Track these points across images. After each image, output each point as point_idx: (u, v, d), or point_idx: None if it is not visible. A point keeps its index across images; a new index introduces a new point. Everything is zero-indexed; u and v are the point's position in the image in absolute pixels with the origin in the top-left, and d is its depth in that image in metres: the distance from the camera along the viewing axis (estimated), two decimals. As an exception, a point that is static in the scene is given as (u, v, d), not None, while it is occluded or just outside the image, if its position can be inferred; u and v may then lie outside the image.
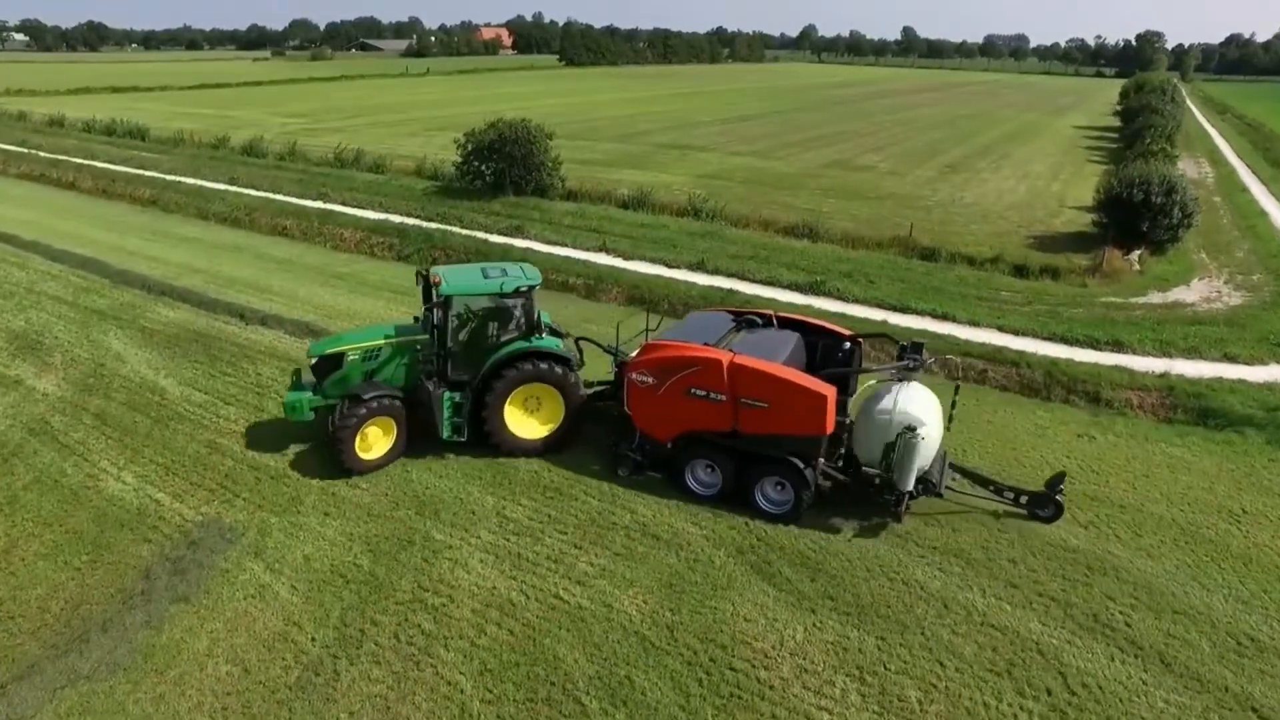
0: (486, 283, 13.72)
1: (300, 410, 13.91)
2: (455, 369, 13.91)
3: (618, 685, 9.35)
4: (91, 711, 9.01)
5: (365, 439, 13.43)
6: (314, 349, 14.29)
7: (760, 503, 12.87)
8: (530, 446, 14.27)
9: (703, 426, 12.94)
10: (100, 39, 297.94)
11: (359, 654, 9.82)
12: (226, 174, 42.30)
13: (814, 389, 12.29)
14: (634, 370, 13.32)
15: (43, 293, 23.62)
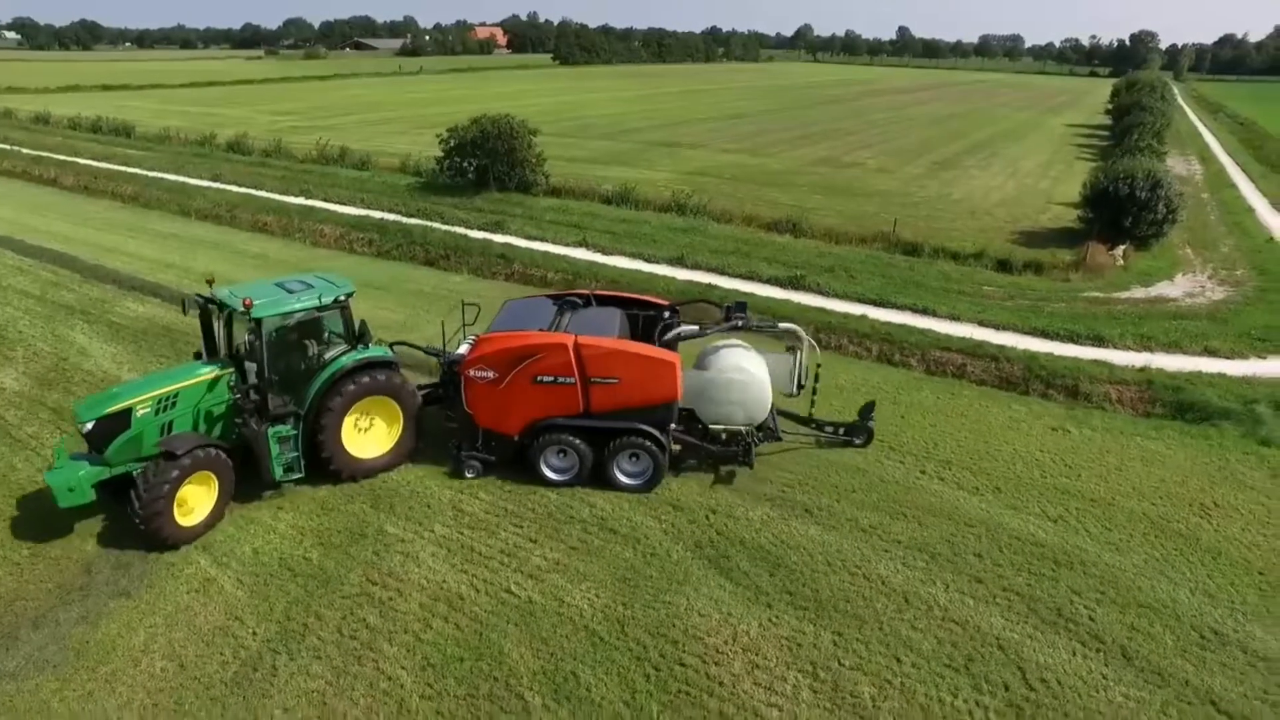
0: (300, 298, 12.07)
1: (80, 491, 11.04)
2: (275, 401, 12.07)
3: (563, 681, 9.09)
4: (13, 710, 8.70)
5: (183, 504, 11.27)
6: (84, 412, 11.42)
7: (619, 478, 12.99)
8: (376, 465, 13.14)
9: (553, 413, 12.86)
10: (94, 38, 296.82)
11: (300, 648, 9.54)
12: (210, 171, 42.01)
13: (662, 358, 12.82)
14: (471, 367, 12.81)
15: (10, 287, 23.31)
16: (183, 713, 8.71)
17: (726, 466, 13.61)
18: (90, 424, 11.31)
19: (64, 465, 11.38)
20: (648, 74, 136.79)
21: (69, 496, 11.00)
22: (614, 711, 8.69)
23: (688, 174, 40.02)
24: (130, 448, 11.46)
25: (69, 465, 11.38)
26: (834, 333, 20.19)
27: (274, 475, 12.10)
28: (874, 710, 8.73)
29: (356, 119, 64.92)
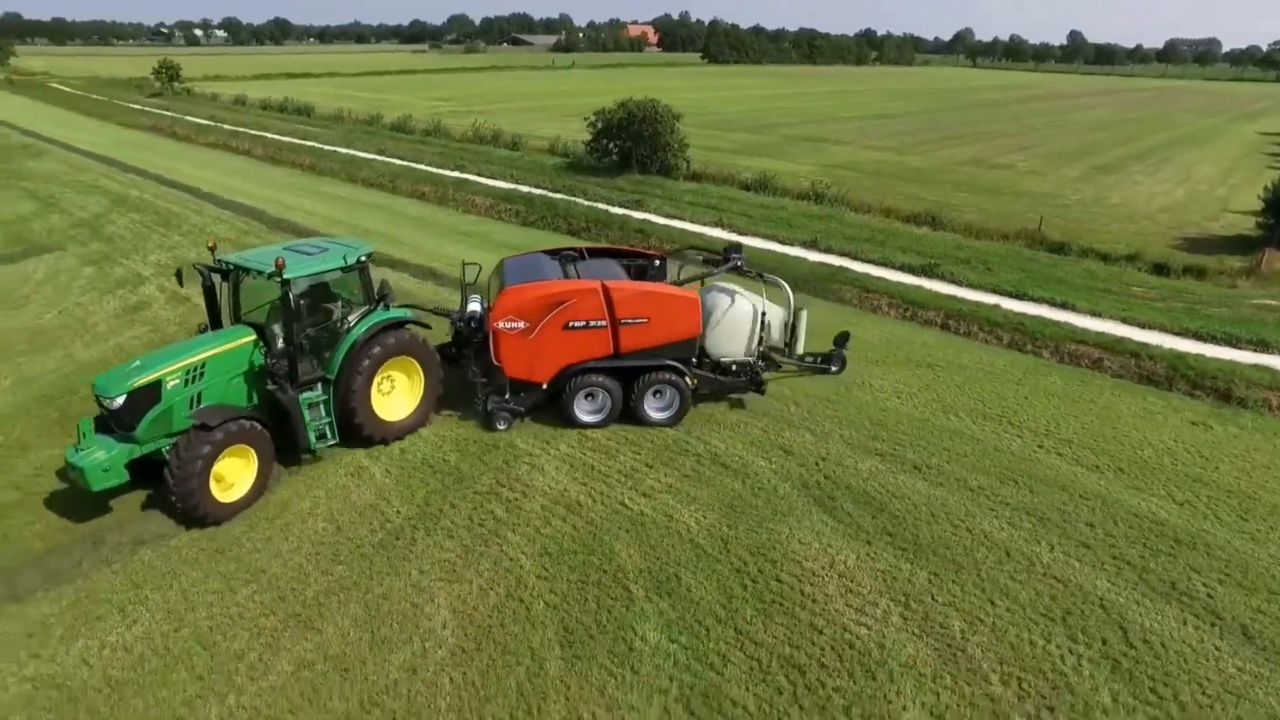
0: (322, 259, 11.90)
1: (115, 471, 10.39)
2: (303, 365, 11.78)
3: (665, 580, 9.84)
4: (214, 539, 10.54)
5: (221, 478, 10.80)
6: (109, 386, 10.58)
7: (649, 414, 13.64)
8: (403, 427, 13.02)
9: (583, 357, 13.30)
10: (284, 34, 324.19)
11: (435, 528, 10.79)
12: (376, 146, 45.58)
13: (686, 296, 13.64)
14: (500, 319, 12.95)
15: (215, 233, 26.48)
16: (338, 561, 10.13)
17: (742, 396, 14.71)
18: (121, 398, 10.47)
19: (91, 444, 10.54)
20: (796, 74, 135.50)
21: (103, 478, 10.30)
22: (710, 610, 9.35)
23: (829, 167, 39.88)
24: (161, 423, 10.70)
25: (97, 443, 10.57)
26: (963, 319, 19.90)
27: (308, 443, 11.84)
28: (962, 641, 8.96)
29: (509, 107, 68.22)
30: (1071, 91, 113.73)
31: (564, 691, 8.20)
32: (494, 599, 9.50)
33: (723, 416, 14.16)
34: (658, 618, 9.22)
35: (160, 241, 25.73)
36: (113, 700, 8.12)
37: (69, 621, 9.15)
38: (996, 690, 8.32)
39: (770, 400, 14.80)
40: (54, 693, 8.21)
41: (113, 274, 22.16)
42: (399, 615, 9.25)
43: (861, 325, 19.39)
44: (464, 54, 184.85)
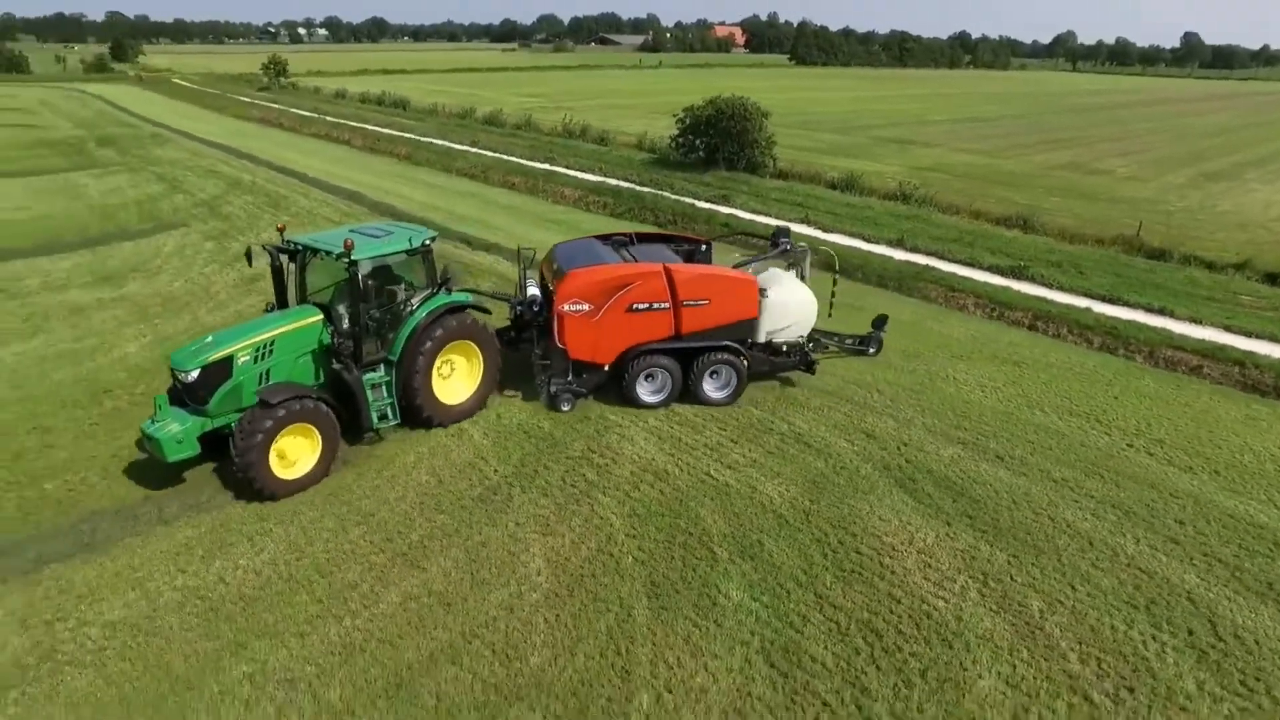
0: (391, 242, 12.18)
1: (189, 443, 10.82)
2: (367, 346, 12.02)
3: (748, 545, 10.26)
4: (328, 487, 11.49)
5: (284, 455, 11.02)
6: (185, 360, 10.93)
7: (708, 394, 14.02)
8: (462, 410, 13.18)
9: (646, 338, 13.54)
10: (381, 32, 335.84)
11: (530, 486, 11.47)
12: (469, 138, 47.16)
13: (744, 278, 14.03)
14: (565, 302, 13.13)
15: (319, 215, 28.12)
16: (440, 510, 10.92)
17: (794, 376, 15.20)
18: (195, 372, 10.82)
19: (166, 416, 11.01)
20: (885, 77, 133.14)
21: (178, 449, 10.75)
22: (791, 574, 9.72)
23: (917, 169, 39.36)
24: (232, 398, 11.06)
25: (171, 416, 11.01)
26: (1052, 321, 19.59)
27: (371, 423, 12.05)
28: (1040, 620, 9.09)
29: (596, 104, 69.35)
30: (1183, 96, 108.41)
31: (651, 637, 8.71)
32: (585, 552, 10.09)
33: (806, 400, 14.45)
34: (741, 578, 9.65)
35: (271, 221, 27.38)
36: (246, 613, 9.03)
37: (207, 545, 10.16)
38: (1074, 668, 8.44)
39: (853, 388, 15.02)
40: (199, 602, 9.18)
41: (230, 249, 23.79)
42: (497, 561, 9.93)
43: (947, 323, 19.37)
44: (552, 53, 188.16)
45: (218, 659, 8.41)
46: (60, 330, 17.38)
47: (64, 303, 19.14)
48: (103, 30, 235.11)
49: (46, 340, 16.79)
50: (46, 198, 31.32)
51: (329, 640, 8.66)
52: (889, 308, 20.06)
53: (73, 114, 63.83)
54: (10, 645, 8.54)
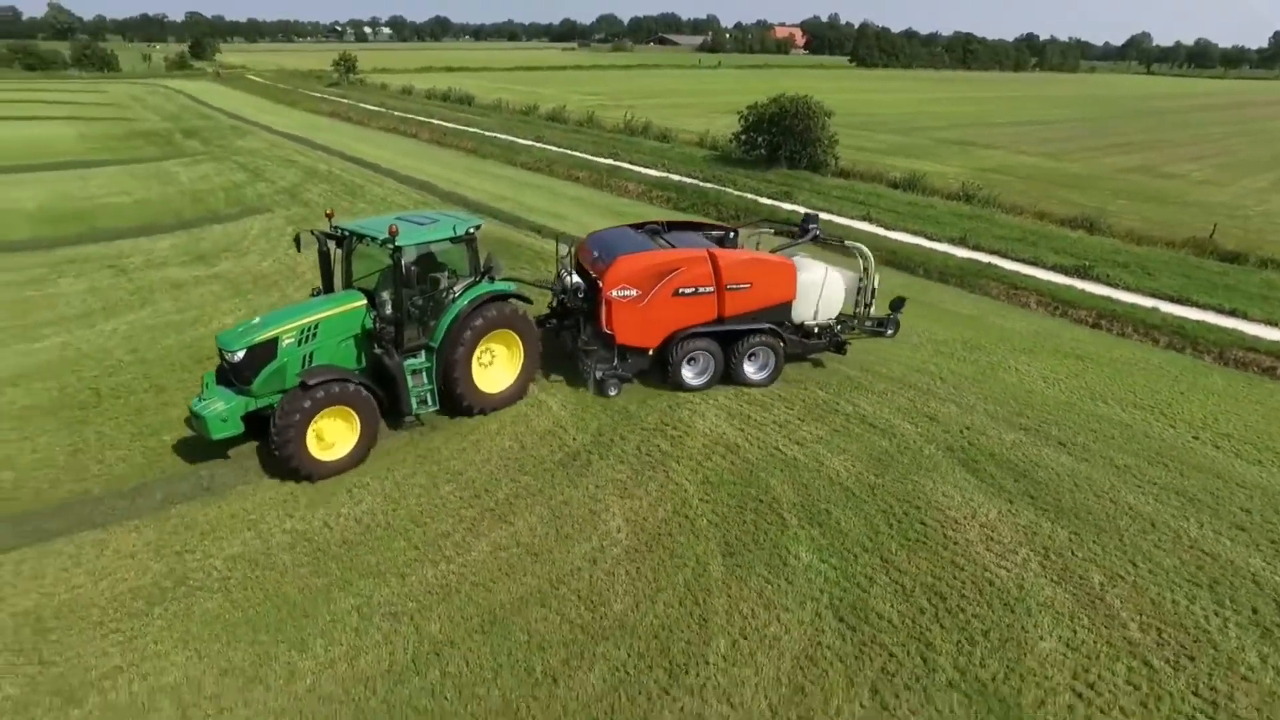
0: (434, 229, 12.20)
1: (232, 422, 11.13)
2: (409, 333, 12.17)
3: (816, 513, 10.76)
4: (417, 445, 12.41)
5: (322, 437, 11.24)
6: (232, 341, 11.24)
7: (748, 375, 14.47)
8: (501, 399, 13.30)
9: (690, 322, 13.85)
10: (443, 31, 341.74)
11: (608, 454, 12.15)
12: (533, 134, 48.23)
13: (783, 262, 14.42)
14: (614, 288, 13.40)
15: (393, 203, 29.31)
16: (524, 472, 11.67)
17: (828, 356, 15.80)
18: (241, 353, 11.07)
19: (213, 395, 11.34)
20: (947, 79, 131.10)
21: (222, 427, 11.05)
22: (858, 540, 10.20)
23: (980, 170, 39.10)
24: (276, 379, 11.26)
25: (218, 395, 11.32)
26: (1117, 320, 19.55)
27: (410, 408, 12.20)
28: (1101, 591, 9.40)
29: (656, 102, 69.96)
30: (1268, 99, 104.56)
31: (726, 590, 9.28)
32: (661, 514, 10.71)
33: (869, 384, 14.84)
34: (810, 542, 10.16)
35: (349, 208, 28.67)
36: (350, 554, 9.86)
37: (310, 495, 11.05)
38: (1135, 635, 8.75)
39: (916, 375, 15.36)
40: (306, 544, 10.05)
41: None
42: (579, 518, 10.62)
43: (1009, 318, 19.51)
44: (611, 52, 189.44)
45: (328, 592, 9.24)
46: (164, 303, 18.66)
47: (165, 278, 20.49)
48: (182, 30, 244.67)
49: (153, 311, 18.07)
50: (144, 183, 33.21)
51: (427, 581, 9.43)
52: (950, 302, 20.34)
53: (159, 108, 66.89)
54: (150, 570, 9.51)
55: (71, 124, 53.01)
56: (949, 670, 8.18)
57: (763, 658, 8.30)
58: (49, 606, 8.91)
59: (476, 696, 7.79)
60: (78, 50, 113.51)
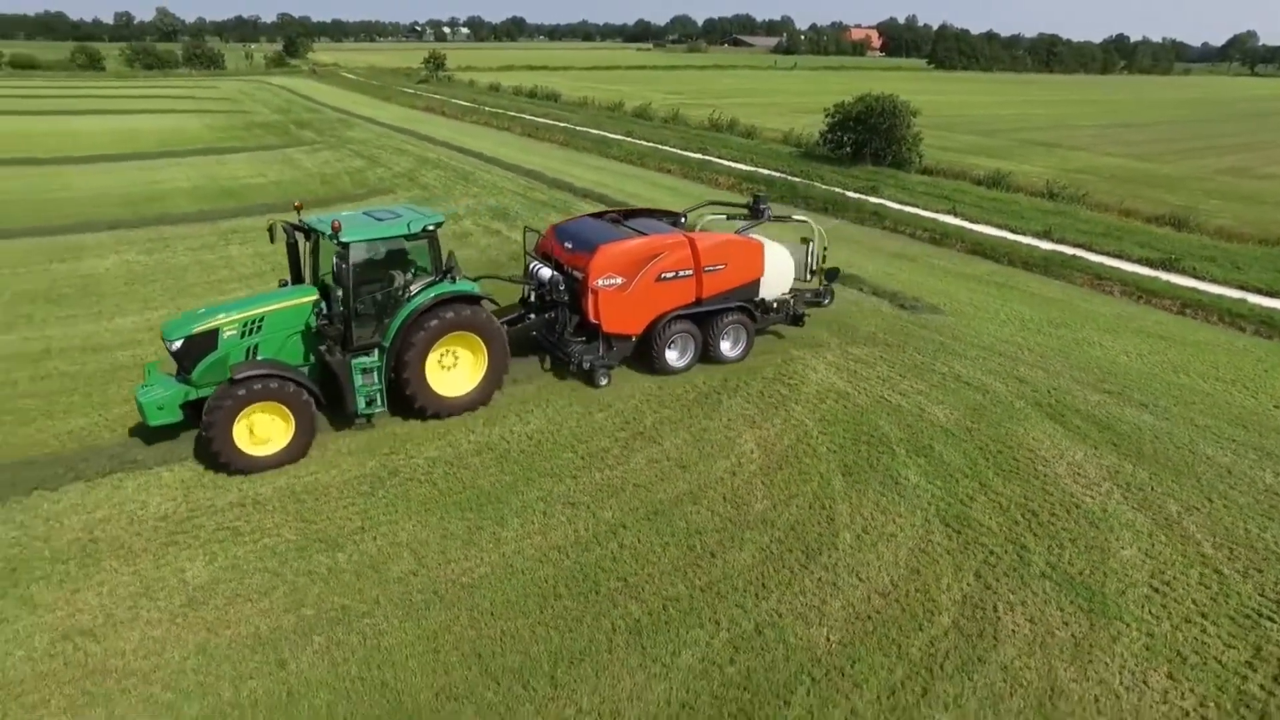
0: (388, 225, 11.88)
1: (169, 410, 11.29)
2: (359, 330, 11.97)
3: (922, 447, 12.38)
4: (570, 381, 14.33)
5: (254, 431, 11.19)
6: (172, 330, 11.45)
7: (725, 354, 15.16)
8: (460, 404, 12.94)
9: (671, 306, 14.32)
10: (519, 31, 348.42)
11: (735, 395, 14.00)
12: (622, 129, 50.37)
13: (753, 242, 15.07)
14: (599, 277, 13.57)
15: (503, 188, 31.72)
16: (665, 406, 13.63)
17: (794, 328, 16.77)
18: (178, 342, 11.26)
19: (154, 383, 11.60)
20: (1029, 82, 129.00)
21: (158, 414, 11.23)
22: (958, 468, 11.79)
23: (1064, 170, 39.58)
24: (216, 370, 11.24)
25: (158, 383, 11.59)
26: (1202, 309, 20.33)
27: (356, 408, 12.11)
28: (1178, 518, 10.77)
29: (734, 102, 71.35)
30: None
31: (847, 499, 11.00)
32: (787, 441, 12.49)
33: (962, 351, 16.28)
34: (917, 468, 11.80)
35: (465, 191, 31.17)
36: (527, 460, 11.91)
37: (485, 416, 13.19)
38: (1208, 551, 10.12)
39: (1004, 344, 16.72)
40: (489, 451, 12.17)
41: (437, 210, 27.48)
42: (716, 442, 12.47)
43: (1092, 302, 20.52)
44: (686, 53, 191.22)
45: (514, 485, 11.28)
46: (324, 268, 21.18)
47: (318, 248, 23.10)
48: (273, 30, 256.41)
49: (317, 274, 20.60)
50: (274, 167, 36.41)
51: (595, 482, 11.40)
52: (1035, 287, 21.49)
53: (268, 102, 71.41)
54: (367, 465, 11.72)
55: (197, 116, 57.36)
56: (1041, 565, 9.73)
57: (883, 548, 10.00)
58: (298, 486, 11.15)
59: (650, 562, 9.69)
60: (189, 50, 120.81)
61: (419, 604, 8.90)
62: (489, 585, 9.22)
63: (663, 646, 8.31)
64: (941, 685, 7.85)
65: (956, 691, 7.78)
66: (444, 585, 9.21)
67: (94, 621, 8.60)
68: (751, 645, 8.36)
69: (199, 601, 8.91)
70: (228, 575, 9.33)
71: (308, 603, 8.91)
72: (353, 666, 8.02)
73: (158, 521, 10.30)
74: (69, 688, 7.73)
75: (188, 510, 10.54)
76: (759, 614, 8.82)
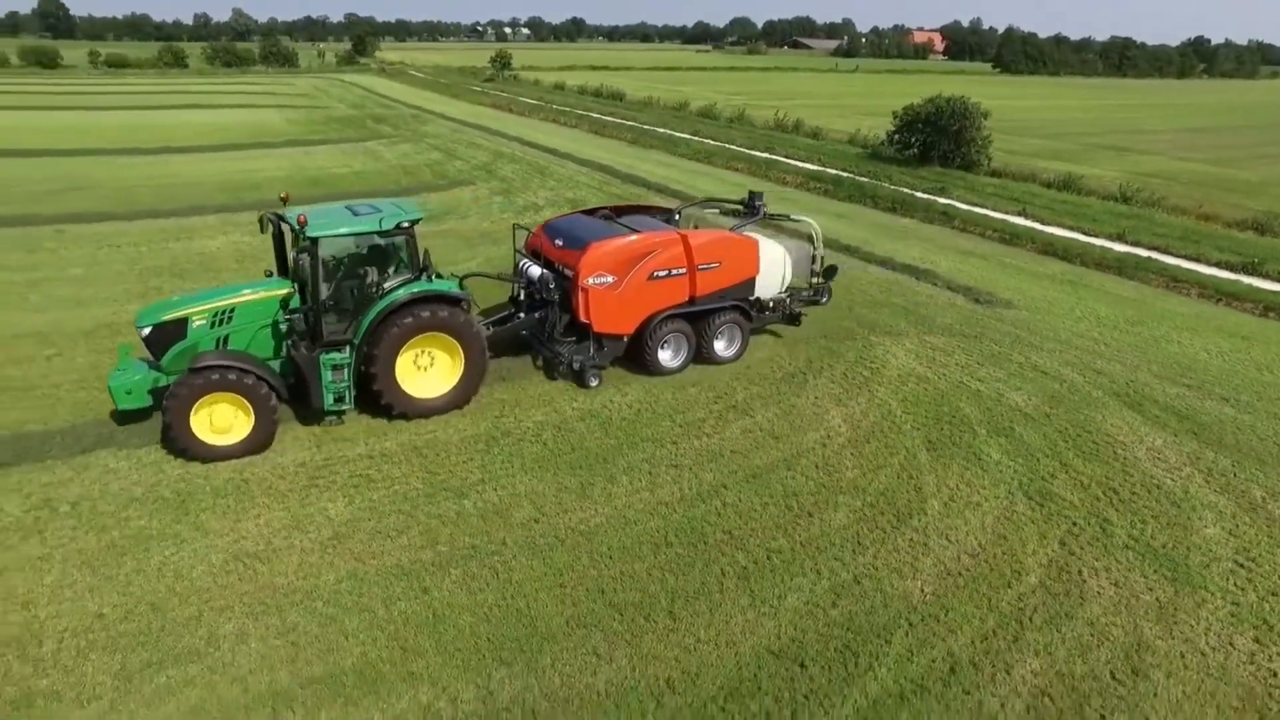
0: (360, 220, 11.70)
1: (137, 395, 11.59)
2: (331, 326, 11.85)
3: (1002, 429, 12.89)
4: None
5: (213, 420, 11.15)
6: (143, 316, 11.72)
7: (719, 354, 14.92)
8: (433, 406, 12.64)
9: (664, 305, 14.02)
10: (579, 31, 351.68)
11: (819, 375, 14.71)
12: (689, 128, 51.16)
13: (748, 239, 14.88)
14: (589, 275, 13.36)
15: (579, 181, 32.79)
16: (753, 383, 14.37)
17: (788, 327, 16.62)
18: (148, 329, 11.49)
19: (125, 367, 11.87)
20: (1100, 86, 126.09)
21: (126, 399, 11.54)
22: (1039, 449, 12.28)
23: (1137, 175, 39.06)
24: (184, 358, 11.33)
25: (129, 368, 11.84)
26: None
27: (323, 403, 11.98)
28: (1261, 502, 11.10)
29: (797, 104, 71.41)
30: None
31: (934, 471, 11.61)
32: (872, 418, 13.13)
33: (1039, 343, 16.65)
34: (998, 447, 12.33)
35: (542, 184, 32.28)
36: (629, 427, 12.78)
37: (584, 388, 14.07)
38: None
39: (1080, 339, 17.02)
40: (592, 418, 13.06)
41: (517, 201, 28.71)
42: (805, 416, 13.19)
43: (1168, 303, 20.56)
44: (745, 55, 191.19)
45: (619, 448, 12.14)
46: (417, 251, 22.38)
47: (409, 234, 24.36)
48: (340, 30, 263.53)
49: (412, 257, 21.78)
50: (357, 159, 38.10)
51: (695, 448, 12.20)
52: (1111, 286, 21.63)
53: (343, 98, 73.95)
54: (480, 426, 12.70)
55: (279, 111, 59.83)
56: (1123, 537, 10.21)
57: (969, 514, 10.59)
58: (420, 442, 12.17)
59: (752, 518, 10.45)
60: (265, 49, 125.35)
61: (543, 546, 9.79)
62: (605, 533, 10.07)
63: (769, 589, 9.06)
64: (1031, 635, 8.44)
65: (1046, 641, 8.36)
66: (564, 531, 10.09)
67: (256, 547, 9.68)
68: (851, 592, 9.06)
69: (344, 536, 9.94)
70: (366, 515, 10.35)
71: (441, 541, 9.87)
72: (489, 595, 8.93)
73: (297, 468, 11.40)
74: (246, 598, 8.80)
75: (322, 459, 11.62)
76: (856, 567, 9.50)
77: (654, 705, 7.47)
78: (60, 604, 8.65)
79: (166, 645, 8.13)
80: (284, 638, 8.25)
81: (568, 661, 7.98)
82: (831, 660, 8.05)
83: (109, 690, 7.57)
